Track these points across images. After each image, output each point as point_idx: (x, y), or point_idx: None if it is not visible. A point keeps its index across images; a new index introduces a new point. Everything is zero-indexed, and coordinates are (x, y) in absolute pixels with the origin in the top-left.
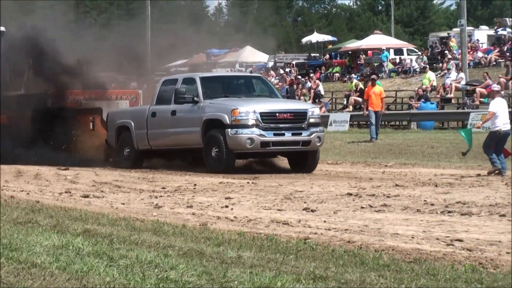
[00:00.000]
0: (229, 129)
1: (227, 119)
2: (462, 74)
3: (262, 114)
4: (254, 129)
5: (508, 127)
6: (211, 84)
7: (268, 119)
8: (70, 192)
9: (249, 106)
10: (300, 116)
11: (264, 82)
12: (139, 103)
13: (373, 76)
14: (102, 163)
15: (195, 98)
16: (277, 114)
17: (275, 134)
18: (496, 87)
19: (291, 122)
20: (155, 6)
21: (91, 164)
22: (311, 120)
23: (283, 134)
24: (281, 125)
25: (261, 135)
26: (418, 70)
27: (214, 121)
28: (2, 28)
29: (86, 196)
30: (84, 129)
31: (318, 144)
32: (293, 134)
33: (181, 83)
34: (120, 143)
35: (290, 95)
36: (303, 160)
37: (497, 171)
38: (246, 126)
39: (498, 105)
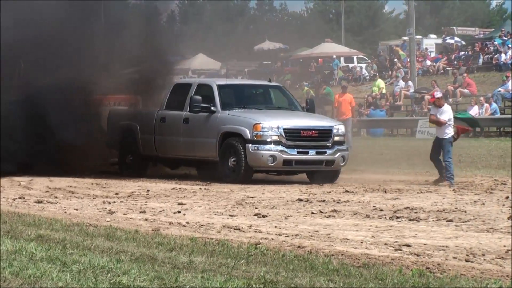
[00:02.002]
0: (250, 145)
1: (248, 134)
2: (410, 82)
3: (285, 130)
4: (277, 146)
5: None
6: (228, 92)
7: (292, 136)
8: (24, 198)
9: (272, 120)
10: (325, 133)
11: (283, 93)
12: None
13: (344, 84)
14: (98, 168)
15: (212, 108)
16: (302, 130)
17: (298, 152)
18: (439, 94)
19: (315, 140)
20: (108, 11)
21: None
22: (336, 138)
23: (307, 153)
24: (305, 143)
25: (283, 152)
26: (368, 78)
27: (232, 135)
28: None
29: (40, 202)
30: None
31: (342, 164)
32: (317, 153)
33: (195, 89)
34: (123, 146)
35: (309, 107)
36: (323, 176)
37: (450, 185)
38: (268, 142)
39: (450, 112)
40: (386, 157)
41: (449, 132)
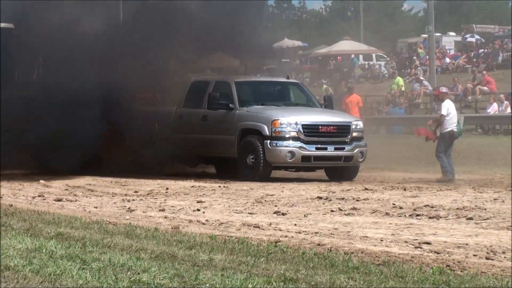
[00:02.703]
0: (268, 141)
1: (266, 130)
2: (425, 82)
3: (304, 126)
4: (295, 142)
5: (456, 128)
6: (246, 89)
7: (310, 132)
8: (43, 196)
9: (290, 117)
10: (344, 129)
11: (301, 89)
12: None
13: (350, 85)
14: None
15: (230, 105)
16: (320, 126)
17: (317, 148)
18: (444, 89)
19: (334, 136)
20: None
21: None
22: (355, 134)
23: (326, 149)
24: (323, 139)
25: (302, 148)
26: (387, 75)
27: (251, 131)
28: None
29: (59, 200)
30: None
31: (361, 160)
32: (335, 149)
33: (213, 87)
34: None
35: (328, 103)
36: (342, 172)
37: (448, 179)
38: (286, 139)
39: (449, 107)
40: (405, 155)
41: (447, 127)
